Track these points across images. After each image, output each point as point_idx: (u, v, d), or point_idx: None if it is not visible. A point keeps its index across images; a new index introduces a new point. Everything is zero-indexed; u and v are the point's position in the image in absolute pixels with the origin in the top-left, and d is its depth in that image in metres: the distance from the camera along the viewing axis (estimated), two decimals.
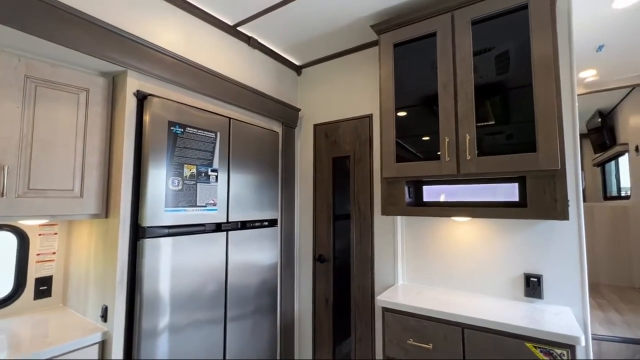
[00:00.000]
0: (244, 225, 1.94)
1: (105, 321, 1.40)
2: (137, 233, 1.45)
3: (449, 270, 1.88)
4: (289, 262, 2.41)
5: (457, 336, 1.45)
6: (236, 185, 1.88)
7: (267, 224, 2.11)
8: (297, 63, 2.59)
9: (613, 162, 4.26)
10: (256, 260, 2.01)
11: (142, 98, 1.51)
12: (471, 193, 1.77)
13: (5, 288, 1.55)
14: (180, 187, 1.57)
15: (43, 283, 1.63)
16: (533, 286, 1.62)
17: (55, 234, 1.69)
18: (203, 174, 1.68)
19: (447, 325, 1.48)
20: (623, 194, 3.98)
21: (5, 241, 1.56)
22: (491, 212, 1.52)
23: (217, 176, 1.76)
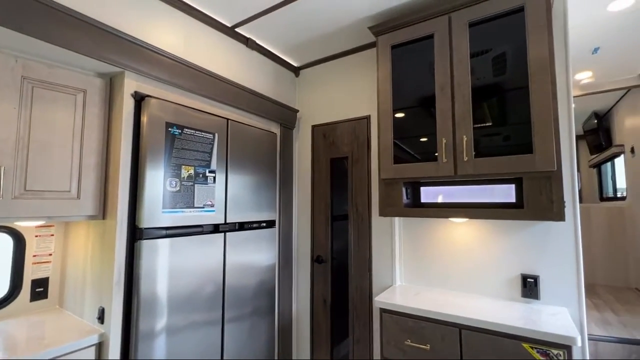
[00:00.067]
0: (241, 227, 1.93)
1: (102, 323, 1.40)
2: (135, 234, 1.45)
3: (447, 271, 1.89)
4: (286, 263, 2.41)
5: (455, 337, 1.45)
6: (234, 187, 1.88)
7: (265, 225, 2.11)
8: (295, 64, 2.60)
9: (609, 164, 4.29)
10: (254, 261, 2.01)
11: (139, 99, 1.51)
12: (468, 194, 1.78)
13: (1, 290, 1.54)
14: (177, 189, 1.57)
15: (39, 285, 1.62)
16: (530, 287, 1.63)
17: (52, 235, 1.68)
18: (201, 175, 1.68)
19: (445, 326, 1.48)
20: (619, 194, 4.00)
21: (1, 242, 1.55)
22: (488, 213, 1.53)
23: (214, 177, 1.75)
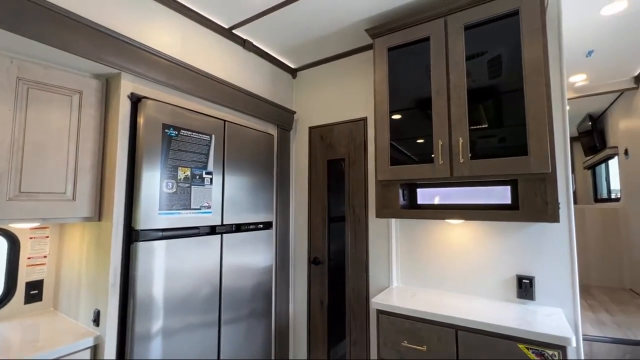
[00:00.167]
0: (238, 228, 1.93)
1: (97, 325, 1.39)
2: (131, 236, 1.44)
3: (443, 272, 1.90)
4: (283, 265, 2.40)
5: (451, 338, 1.46)
6: (231, 188, 1.88)
7: (262, 226, 2.10)
8: (293, 66, 2.60)
9: (603, 165, 4.33)
10: (251, 263, 2.00)
11: (136, 100, 1.51)
12: (464, 196, 1.79)
13: None
14: (174, 190, 1.56)
15: (34, 287, 1.61)
16: (525, 288, 1.64)
17: (47, 237, 1.67)
18: (197, 177, 1.67)
19: (441, 327, 1.49)
20: (613, 196, 4.04)
21: None
22: (484, 215, 1.54)
23: (211, 179, 1.75)
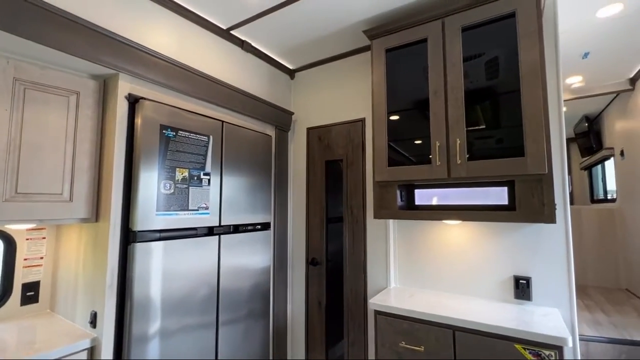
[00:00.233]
0: (236, 229, 1.93)
1: (94, 327, 1.38)
2: (128, 237, 1.44)
3: (441, 273, 1.90)
4: (281, 266, 2.40)
5: (449, 338, 1.46)
6: (229, 189, 1.88)
7: (259, 227, 2.10)
8: (291, 67, 2.61)
9: (599, 166, 4.36)
10: (249, 264, 2.00)
11: (133, 101, 1.51)
12: (462, 196, 1.80)
13: None
14: (172, 191, 1.56)
15: (30, 288, 1.60)
16: (522, 288, 1.65)
17: (44, 238, 1.66)
18: (195, 178, 1.67)
19: (439, 327, 1.49)
20: (609, 196, 4.07)
21: None
22: (481, 216, 1.55)
23: (209, 180, 1.75)
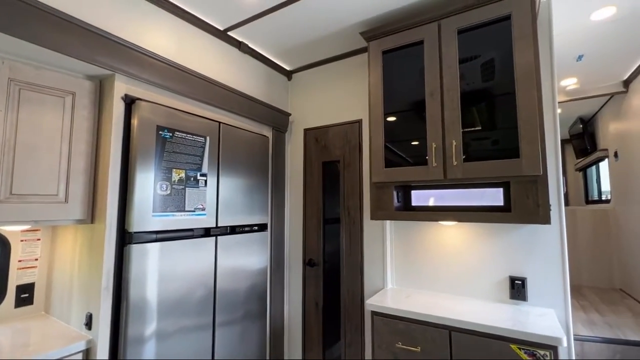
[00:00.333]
0: (233, 230, 1.92)
1: (89, 329, 1.37)
2: (124, 238, 1.43)
3: (437, 274, 1.91)
4: (278, 267, 2.40)
5: (445, 339, 1.47)
6: (226, 190, 1.88)
7: (256, 228, 2.10)
8: (288, 68, 2.61)
9: (594, 167, 4.40)
10: (245, 265, 2.00)
11: (130, 102, 1.50)
12: (458, 197, 1.81)
13: None
14: (168, 192, 1.55)
15: (24, 290, 1.59)
16: (518, 289, 1.66)
17: (38, 239, 1.65)
18: (192, 179, 1.67)
19: (435, 328, 1.50)
20: (604, 197, 4.11)
21: None
22: (477, 217, 1.56)
23: (206, 181, 1.75)
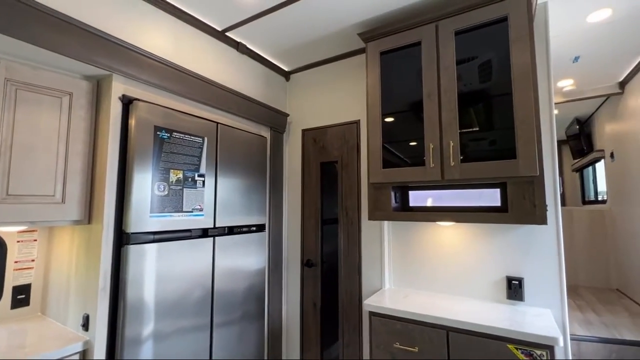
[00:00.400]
0: (231, 231, 1.92)
1: (86, 330, 1.37)
2: (121, 239, 1.43)
3: (435, 274, 1.92)
4: (276, 267, 2.40)
5: (442, 339, 1.48)
6: (223, 191, 1.87)
7: (254, 229, 2.10)
8: (286, 69, 2.61)
9: (590, 168, 4.42)
10: (243, 265, 1.99)
11: (127, 102, 1.50)
12: (455, 198, 1.82)
13: None
14: (166, 193, 1.55)
15: (21, 291, 1.58)
16: (515, 289, 1.66)
17: (35, 240, 1.64)
18: (190, 179, 1.67)
19: (432, 328, 1.50)
20: (600, 198, 4.13)
21: None
22: (474, 217, 1.56)
23: (204, 181, 1.74)
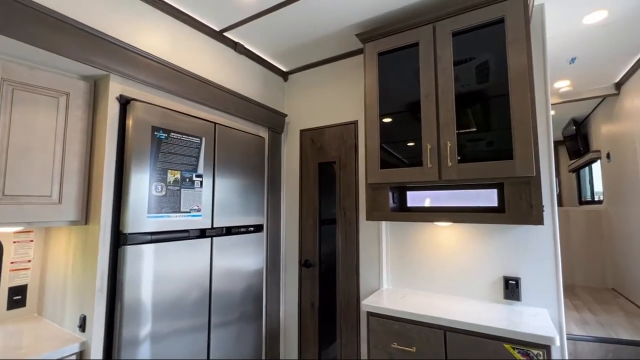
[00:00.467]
0: (229, 231, 1.92)
1: (83, 331, 1.36)
2: (119, 240, 1.42)
3: (432, 274, 1.92)
4: (274, 268, 2.40)
5: (440, 339, 1.48)
6: (221, 191, 1.87)
7: (252, 229, 2.10)
8: (284, 69, 2.61)
9: (587, 168, 4.45)
10: (241, 266, 1.99)
11: (124, 102, 1.49)
12: (453, 198, 1.83)
13: None
14: (163, 193, 1.55)
15: (17, 292, 1.57)
16: (512, 289, 1.67)
17: (31, 241, 1.63)
18: (187, 180, 1.66)
19: (430, 328, 1.51)
20: (596, 198, 4.16)
21: None
22: (471, 217, 1.57)
23: (201, 182, 1.74)
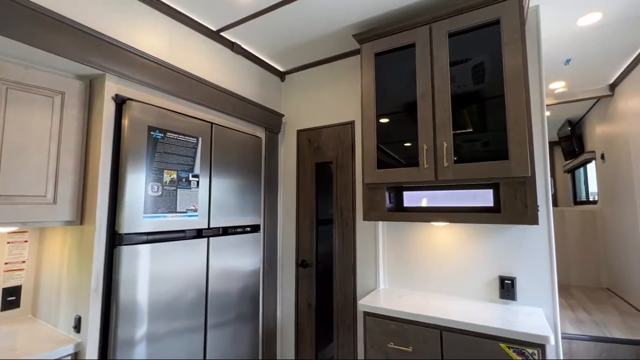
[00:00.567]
0: (225, 231, 1.92)
1: (78, 332, 1.35)
2: (114, 240, 1.42)
3: (429, 274, 1.93)
4: (271, 268, 2.40)
5: (436, 338, 1.49)
6: (218, 191, 1.87)
7: (249, 229, 2.09)
8: (281, 69, 2.61)
9: (582, 169, 4.48)
10: (238, 266, 1.99)
11: (120, 102, 1.49)
12: (449, 198, 1.83)
13: None
14: (159, 193, 1.54)
15: (11, 293, 1.56)
16: (507, 288, 1.68)
17: (26, 241, 1.62)
18: (184, 180, 1.66)
19: (426, 328, 1.51)
20: (591, 198, 4.19)
21: None
22: (467, 217, 1.58)
23: (198, 182, 1.74)
